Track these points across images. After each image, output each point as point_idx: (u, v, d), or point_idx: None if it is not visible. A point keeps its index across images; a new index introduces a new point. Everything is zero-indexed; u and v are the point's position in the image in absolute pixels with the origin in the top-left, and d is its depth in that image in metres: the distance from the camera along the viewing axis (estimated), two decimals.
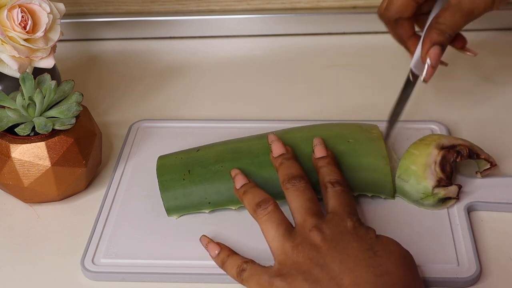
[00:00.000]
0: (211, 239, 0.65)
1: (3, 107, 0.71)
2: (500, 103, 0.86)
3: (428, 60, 0.68)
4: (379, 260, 0.57)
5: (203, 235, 0.66)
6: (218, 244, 0.64)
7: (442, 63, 0.74)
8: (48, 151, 0.69)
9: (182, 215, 0.70)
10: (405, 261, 0.59)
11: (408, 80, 0.73)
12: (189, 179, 0.69)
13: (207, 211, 0.70)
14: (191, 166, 0.70)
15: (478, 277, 0.63)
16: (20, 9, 0.72)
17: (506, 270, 0.64)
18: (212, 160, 0.70)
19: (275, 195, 0.69)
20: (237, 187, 0.66)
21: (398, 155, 0.74)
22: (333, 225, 0.60)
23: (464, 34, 0.73)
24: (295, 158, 0.67)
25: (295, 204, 0.63)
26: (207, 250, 0.64)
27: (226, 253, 0.63)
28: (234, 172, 0.68)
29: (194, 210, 0.70)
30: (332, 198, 0.64)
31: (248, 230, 0.68)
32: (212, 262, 0.65)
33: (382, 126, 0.77)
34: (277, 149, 0.68)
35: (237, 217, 0.70)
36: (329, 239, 0.59)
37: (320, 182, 0.66)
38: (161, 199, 0.70)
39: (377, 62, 0.95)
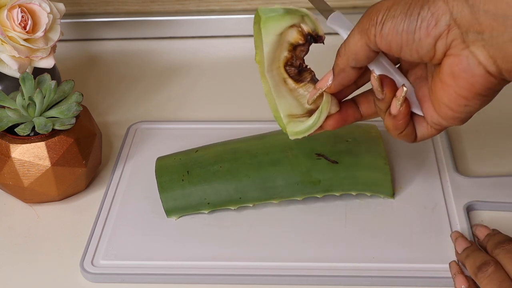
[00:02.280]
0: (461, 270, 0.62)
1: (3, 107, 0.71)
2: (499, 102, 0.85)
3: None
4: None
5: (454, 262, 0.63)
6: (467, 278, 0.61)
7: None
8: (48, 151, 0.69)
9: (181, 216, 0.70)
10: None
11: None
12: (188, 179, 0.69)
13: (206, 211, 0.70)
14: (190, 167, 0.70)
15: None
16: (20, 9, 0.72)
17: None
18: (211, 161, 0.70)
19: (274, 195, 0.69)
20: (459, 251, 0.63)
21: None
22: None
23: None
24: (479, 249, 0.63)
25: None
26: (454, 280, 0.62)
27: None
28: (455, 235, 0.65)
29: (193, 210, 0.70)
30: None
31: (247, 231, 0.68)
32: (211, 263, 0.65)
33: (381, 126, 0.77)
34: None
35: (236, 217, 0.70)
36: None
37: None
38: (160, 200, 0.70)
39: None
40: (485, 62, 0.50)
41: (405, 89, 0.56)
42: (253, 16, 1.00)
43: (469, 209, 0.70)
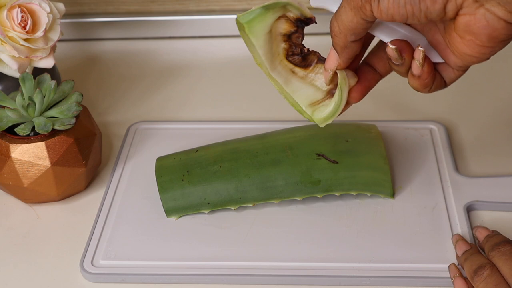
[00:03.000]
0: (460, 273, 0.62)
1: (3, 107, 0.71)
2: (499, 102, 0.86)
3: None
4: None
5: (453, 265, 0.63)
6: (466, 281, 0.61)
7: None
8: (48, 151, 0.69)
9: (181, 216, 0.70)
10: None
11: None
12: (188, 179, 0.69)
13: (206, 211, 0.70)
14: (190, 167, 0.70)
15: None
16: (20, 9, 0.72)
17: None
18: (211, 161, 0.70)
19: (274, 195, 0.69)
20: (459, 254, 0.64)
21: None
22: None
23: None
24: (478, 252, 0.63)
25: None
26: (453, 283, 0.62)
27: None
28: (455, 238, 0.65)
29: (193, 210, 0.70)
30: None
31: (247, 231, 0.68)
32: (211, 263, 0.65)
33: (381, 126, 0.77)
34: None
35: (236, 217, 0.70)
36: None
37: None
38: (160, 200, 0.70)
39: None
40: (505, 16, 0.49)
41: (421, 49, 0.54)
42: None
43: (469, 209, 0.70)
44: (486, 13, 0.49)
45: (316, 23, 0.58)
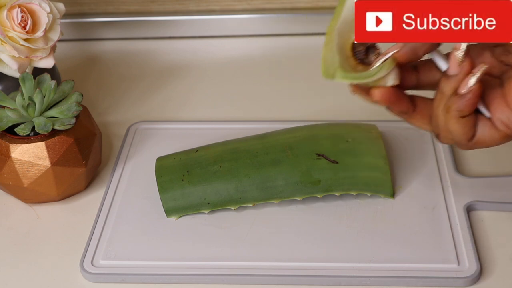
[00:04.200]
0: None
1: (3, 107, 0.71)
2: None
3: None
4: None
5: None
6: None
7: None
8: (48, 151, 0.69)
9: (181, 216, 0.70)
10: None
11: None
12: (188, 179, 0.69)
13: (206, 211, 0.70)
14: (190, 167, 0.70)
15: (478, 276, 0.63)
16: (20, 9, 0.72)
17: (506, 270, 0.64)
18: (211, 161, 0.70)
19: (274, 195, 0.69)
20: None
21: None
22: None
23: None
24: None
25: None
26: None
27: None
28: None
29: (193, 210, 0.70)
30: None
31: (247, 231, 0.68)
32: (211, 263, 0.65)
33: (381, 126, 0.77)
34: None
35: (236, 217, 0.70)
36: None
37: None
38: (160, 200, 0.70)
39: None
40: None
41: (485, 66, 0.53)
42: (253, 16, 1.01)
43: (469, 209, 0.70)
44: None
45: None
